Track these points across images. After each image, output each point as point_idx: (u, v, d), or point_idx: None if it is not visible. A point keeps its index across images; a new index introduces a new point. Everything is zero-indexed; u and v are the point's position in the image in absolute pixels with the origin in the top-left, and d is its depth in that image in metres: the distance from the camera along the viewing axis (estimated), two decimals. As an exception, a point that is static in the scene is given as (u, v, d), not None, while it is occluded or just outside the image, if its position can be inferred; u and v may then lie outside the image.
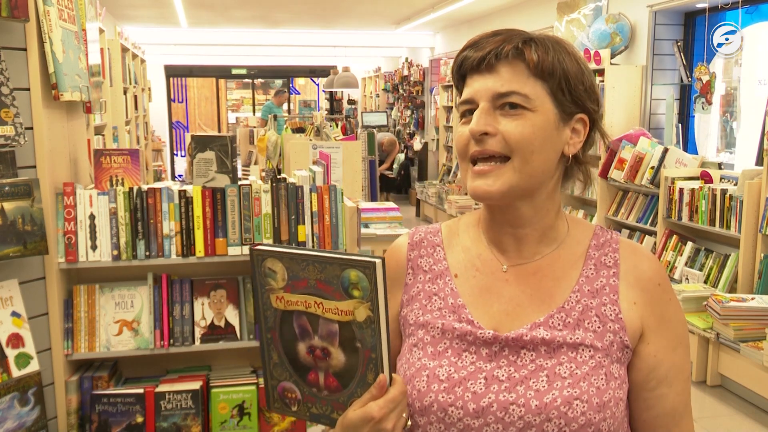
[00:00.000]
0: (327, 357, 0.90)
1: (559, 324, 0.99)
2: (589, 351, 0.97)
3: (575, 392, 0.94)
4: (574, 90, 0.99)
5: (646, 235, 5.18)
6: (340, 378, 0.91)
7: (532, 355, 0.98)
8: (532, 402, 0.94)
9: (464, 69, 1.02)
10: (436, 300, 1.06)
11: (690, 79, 5.31)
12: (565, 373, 0.96)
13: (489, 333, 0.99)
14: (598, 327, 0.99)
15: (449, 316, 1.03)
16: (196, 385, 2.29)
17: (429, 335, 1.03)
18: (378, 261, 0.85)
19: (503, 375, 0.97)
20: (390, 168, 10.84)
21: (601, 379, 0.96)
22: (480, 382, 0.97)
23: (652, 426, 1.02)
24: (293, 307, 0.91)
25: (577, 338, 0.98)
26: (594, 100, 1.02)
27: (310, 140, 4.61)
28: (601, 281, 1.02)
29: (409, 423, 0.96)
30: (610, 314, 1.00)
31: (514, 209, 1.02)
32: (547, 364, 0.97)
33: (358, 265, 0.85)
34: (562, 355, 0.97)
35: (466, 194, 7.83)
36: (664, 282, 1.04)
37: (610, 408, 0.95)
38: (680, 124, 5.25)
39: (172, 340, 2.30)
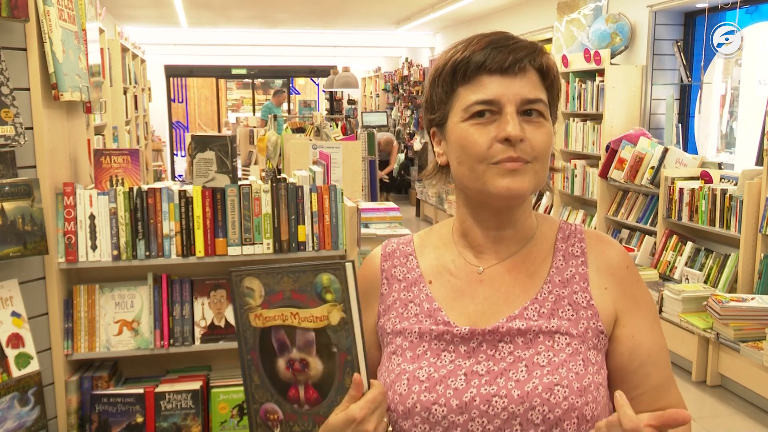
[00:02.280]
0: (306, 368, 0.95)
1: (534, 315, 1.01)
2: (566, 338, 0.99)
3: (555, 378, 0.95)
4: (557, 102, 1.05)
5: (646, 235, 5.17)
6: (320, 388, 0.94)
7: (509, 348, 0.99)
8: (514, 392, 0.95)
9: (485, 68, 0.97)
10: (412, 307, 1.07)
11: (690, 79, 5.31)
12: (543, 361, 0.97)
13: (465, 329, 1.01)
14: (572, 315, 1.01)
15: (426, 321, 1.04)
16: (196, 385, 2.29)
17: (407, 341, 1.04)
18: (348, 263, 0.92)
19: (482, 369, 0.98)
20: (391, 170, 10.82)
21: (579, 364, 0.97)
22: (460, 379, 0.98)
23: (639, 401, 1.03)
24: (271, 323, 0.96)
25: (553, 326, 1.00)
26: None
27: (310, 140, 4.61)
28: (571, 270, 1.04)
29: (390, 429, 0.97)
30: (582, 301, 1.02)
31: (511, 212, 1.04)
32: (524, 354, 0.98)
33: (329, 268, 0.92)
34: (539, 344, 0.99)
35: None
36: (631, 265, 1.07)
37: (591, 392, 0.96)
38: (680, 124, 5.25)
39: (172, 340, 2.30)
